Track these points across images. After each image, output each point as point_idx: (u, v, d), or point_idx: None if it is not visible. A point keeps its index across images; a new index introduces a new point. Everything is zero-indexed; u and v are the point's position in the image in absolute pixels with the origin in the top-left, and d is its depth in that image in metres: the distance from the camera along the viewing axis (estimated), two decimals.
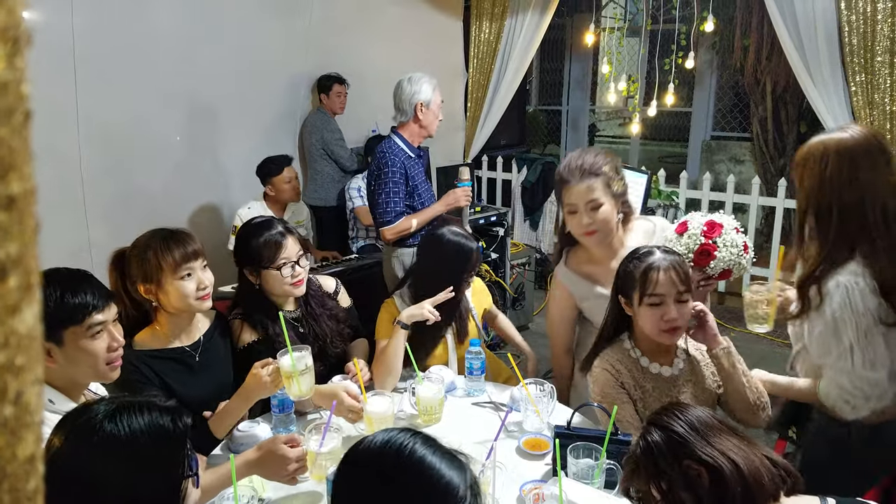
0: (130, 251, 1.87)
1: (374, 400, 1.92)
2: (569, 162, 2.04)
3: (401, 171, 2.95)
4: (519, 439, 1.85)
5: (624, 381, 1.79)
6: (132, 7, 3.58)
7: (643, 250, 1.77)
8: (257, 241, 2.07)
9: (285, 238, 2.09)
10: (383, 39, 4.92)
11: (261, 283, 2.11)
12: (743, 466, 1.09)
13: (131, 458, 1.03)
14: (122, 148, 3.66)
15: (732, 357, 1.77)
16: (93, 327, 1.44)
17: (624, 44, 6.19)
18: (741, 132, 7.27)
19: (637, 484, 1.22)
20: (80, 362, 1.45)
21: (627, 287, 1.76)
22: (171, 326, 1.94)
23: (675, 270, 1.69)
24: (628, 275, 1.75)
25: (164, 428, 1.07)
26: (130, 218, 3.59)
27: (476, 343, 2.16)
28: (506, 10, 5.19)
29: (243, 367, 2.11)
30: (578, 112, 9.08)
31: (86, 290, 1.45)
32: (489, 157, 5.97)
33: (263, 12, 4.19)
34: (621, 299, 1.80)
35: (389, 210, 2.97)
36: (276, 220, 2.15)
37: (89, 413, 1.06)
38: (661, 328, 1.70)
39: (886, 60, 3.52)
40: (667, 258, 1.72)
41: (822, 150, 1.71)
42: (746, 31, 5.68)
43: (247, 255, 2.09)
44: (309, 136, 4.59)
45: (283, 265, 2.06)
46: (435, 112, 3.07)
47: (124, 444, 1.03)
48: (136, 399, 1.11)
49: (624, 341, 1.85)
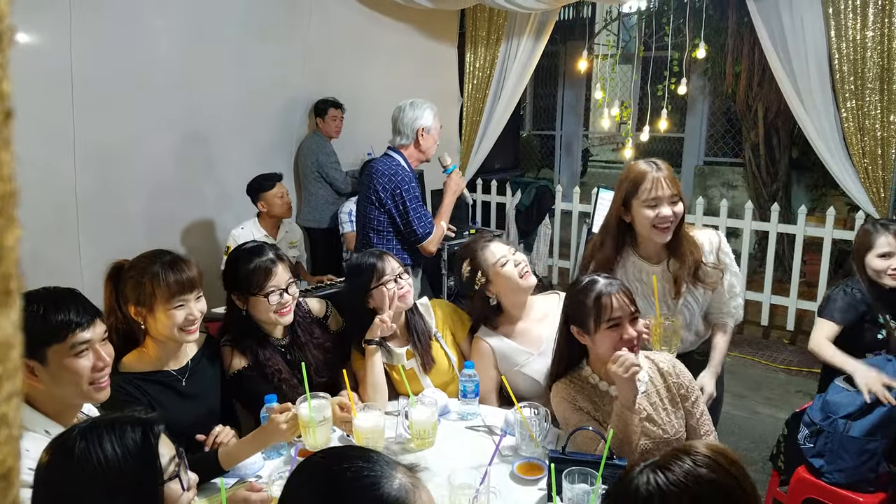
0: (128, 271, 1.85)
1: (364, 415, 1.90)
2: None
3: (416, 182, 2.98)
4: (513, 464, 1.82)
5: (581, 405, 1.83)
6: (130, 30, 3.61)
7: (585, 280, 1.82)
8: (247, 267, 2.03)
9: (276, 265, 2.05)
10: (379, 65, 4.96)
11: (248, 308, 2.07)
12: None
13: (103, 476, 1.03)
14: (117, 169, 3.67)
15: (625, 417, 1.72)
16: (77, 346, 1.41)
17: (617, 70, 6.25)
18: (733, 157, 7.32)
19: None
20: (65, 382, 1.42)
21: (582, 317, 1.78)
22: (159, 351, 1.90)
23: (623, 293, 1.77)
24: (580, 305, 1.78)
25: (134, 442, 1.07)
26: (124, 239, 3.58)
27: (470, 365, 2.14)
28: (500, 37, 5.25)
29: (234, 393, 2.10)
30: (572, 137, 9.16)
31: (70, 308, 1.41)
32: (484, 180, 6.00)
33: (261, 37, 4.22)
34: (574, 329, 1.82)
35: (425, 222, 2.99)
36: (268, 247, 2.11)
37: (69, 432, 1.07)
38: (619, 347, 1.73)
39: (876, 87, 3.56)
40: (612, 283, 1.78)
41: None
42: (738, 58, 5.75)
43: (235, 281, 2.06)
44: (304, 158, 4.61)
45: (271, 292, 2.02)
46: (434, 138, 3.09)
47: (95, 462, 1.03)
48: (109, 416, 1.11)
49: (583, 368, 1.89)
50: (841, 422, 2.17)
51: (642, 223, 2.06)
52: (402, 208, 2.98)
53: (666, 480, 0.96)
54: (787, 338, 4.86)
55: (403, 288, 2.20)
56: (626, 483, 1.00)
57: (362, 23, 4.82)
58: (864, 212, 3.97)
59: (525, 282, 2.22)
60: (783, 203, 5.67)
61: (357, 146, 4.85)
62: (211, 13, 3.93)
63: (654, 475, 0.98)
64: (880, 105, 3.58)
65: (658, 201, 2.01)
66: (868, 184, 3.74)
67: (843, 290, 2.48)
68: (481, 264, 2.22)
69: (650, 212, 2.03)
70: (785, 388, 4.13)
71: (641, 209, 2.04)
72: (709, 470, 0.97)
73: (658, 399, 1.84)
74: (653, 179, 2.02)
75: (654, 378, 1.87)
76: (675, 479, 0.96)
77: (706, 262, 2.13)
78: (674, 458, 0.99)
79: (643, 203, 2.03)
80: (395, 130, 3.09)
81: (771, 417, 3.71)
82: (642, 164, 2.08)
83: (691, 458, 0.98)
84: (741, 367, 4.41)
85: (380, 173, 3.02)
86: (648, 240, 2.11)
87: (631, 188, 2.06)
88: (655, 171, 2.03)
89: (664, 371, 1.89)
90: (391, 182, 2.98)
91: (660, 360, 1.91)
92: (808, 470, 2.26)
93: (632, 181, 2.06)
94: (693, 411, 1.86)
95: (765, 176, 6.11)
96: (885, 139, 3.61)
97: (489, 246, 2.24)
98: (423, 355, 2.24)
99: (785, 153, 6.03)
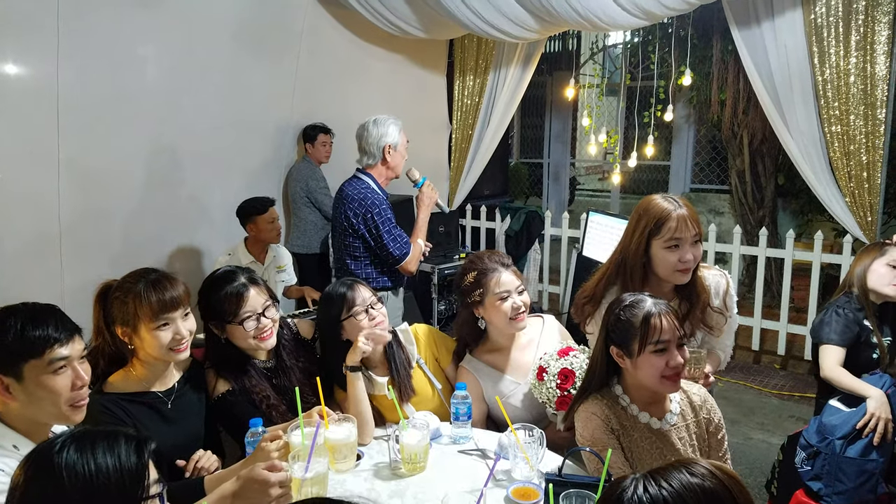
0: (114, 291, 1.80)
1: (335, 427, 1.85)
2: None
3: (387, 204, 2.94)
4: (507, 488, 1.77)
5: (612, 426, 1.72)
6: (118, 56, 3.60)
7: (630, 298, 1.71)
8: (218, 295, 1.96)
9: (247, 289, 1.97)
10: (369, 91, 4.99)
11: (227, 337, 2.01)
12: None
13: (89, 486, 0.98)
14: (102, 194, 3.63)
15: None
16: (54, 362, 1.36)
17: (603, 99, 6.32)
18: (720, 185, 7.40)
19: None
20: (41, 400, 1.36)
21: (625, 337, 1.67)
22: (146, 372, 1.85)
23: (672, 314, 1.66)
24: (625, 324, 1.67)
25: (127, 456, 1.02)
26: (107, 264, 3.53)
27: (462, 387, 2.10)
28: (489, 66, 5.31)
29: (218, 418, 2.03)
30: (560, 165, 9.24)
31: (48, 323, 1.37)
32: (473, 206, 6.00)
33: (250, 63, 4.23)
34: (614, 351, 1.71)
35: (401, 243, 2.94)
36: (240, 271, 2.04)
37: (57, 438, 1.02)
38: (665, 374, 1.64)
39: (860, 112, 3.61)
40: (659, 303, 1.67)
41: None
42: (723, 86, 5.84)
43: (208, 309, 1.99)
44: (294, 184, 4.59)
45: (246, 318, 1.96)
46: (402, 153, 3.06)
47: (84, 471, 0.98)
48: (99, 429, 1.06)
49: (614, 387, 1.78)
50: (838, 443, 2.15)
51: (664, 265, 1.93)
52: (374, 232, 2.94)
53: (657, 489, 0.90)
54: (778, 363, 4.84)
55: (376, 318, 2.11)
56: (616, 492, 0.94)
57: (352, 50, 4.85)
58: (851, 236, 3.99)
59: (514, 324, 2.17)
60: (770, 229, 5.71)
61: (346, 172, 4.77)
62: (200, 38, 3.93)
63: (646, 483, 0.92)
64: (864, 129, 3.62)
65: (681, 242, 1.89)
66: (855, 208, 3.76)
67: (836, 311, 2.46)
68: (484, 285, 2.17)
69: (672, 254, 1.90)
70: (778, 413, 4.11)
71: (662, 250, 1.91)
72: (702, 480, 0.91)
73: (686, 434, 1.76)
74: (677, 218, 1.89)
75: (685, 411, 1.79)
76: (668, 487, 0.90)
77: (713, 307, 2.04)
78: (668, 469, 0.94)
79: (665, 243, 1.90)
80: (360, 150, 3.05)
81: (764, 443, 3.67)
82: (661, 200, 1.93)
83: (687, 469, 0.92)
84: (733, 392, 4.39)
85: (350, 198, 2.98)
86: (663, 280, 1.98)
87: (653, 227, 1.92)
88: (678, 208, 1.90)
89: (695, 405, 1.81)
90: (361, 206, 2.94)
91: (693, 393, 1.83)
92: (806, 493, 2.23)
93: (654, 218, 1.92)
94: (717, 447, 1.79)
95: (751, 202, 6.17)
96: (871, 163, 3.65)
97: (500, 274, 2.17)
98: (401, 386, 2.15)
99: (771, 180, 6.09)
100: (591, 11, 3.63)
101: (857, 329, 2.41)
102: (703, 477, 0.91)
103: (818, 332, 2.48)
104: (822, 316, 2.51)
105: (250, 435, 1.80)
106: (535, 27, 4.07)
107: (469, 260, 2.28)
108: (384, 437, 2.07)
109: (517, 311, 2.15)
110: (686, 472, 0.92)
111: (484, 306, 2.18)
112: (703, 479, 0.91)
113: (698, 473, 0.91)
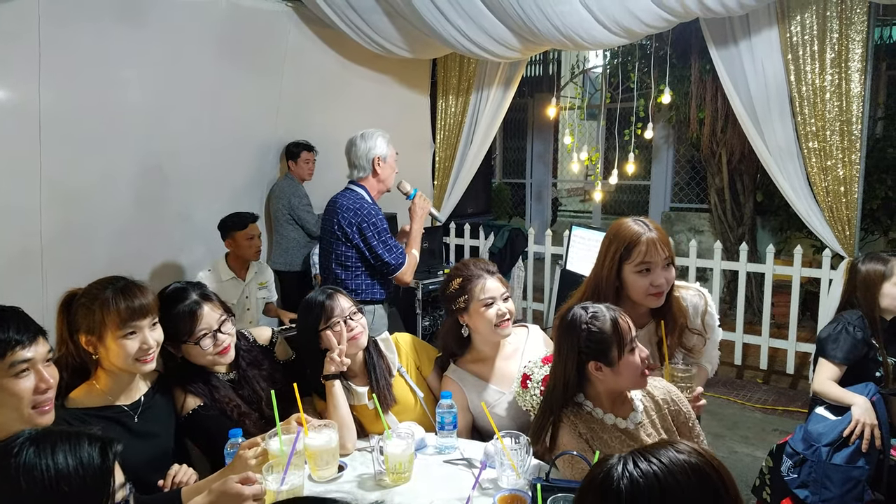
0: (79, 298, 1.74)
1: (315, 434, 1.82)
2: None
3: (381, 214, 2.94)
4: (494, 497, 1.74)
5: (580, 430, 1.75)
6: (100, 74, 3.58)
7: (586, 315, 1.71)
8: (170, 314, 1.88)
9: (200, 306, 1.91)
10: (352, 110, 4.99)
11: (183, 356, 1.95)
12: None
13: (49, 487, 0.94)
14: (84, 212, 3.59)
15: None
16: (16, 365, 1.32)
17: (584, 120, 6.41)
18: (699, 203, 7.48)
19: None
20: (4, 404, 1.32)
21: (604, 349, 1.67)
22: (110, 384, 1.77)
23: (624, 315, 1.73)
24: (598, 335, 1.68)
25: (90, 457, 0.98)
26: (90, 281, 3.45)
27: (447, 395, 2.08)
28: (471, 86, 5.36)
29: (191, 434, 1.97)
30: (542, 185, 9.31)
31: (10, 325, 1.33)
32: (457, 224, 6.01)
33: (234, 81, 4.22)
34: (593, 365, 1.71)
35: (397, 253, 2.94)
36: (191, 287, 1.97)
37: (14, 438, 0.98)
38: (643, 369, 1.68)
39: (836, 128, 3.68)
40: (612, 308, 1.72)
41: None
42: (701, 105, 5.93)
43: (162, 330, 1.87)
44: (276, 201, 4.57)
45: (202, 336, 1.90)
46: (392, 165, 3.07)
47: (42, 471, 0.94)
48: (62, 428, 1.02)
49: (581, 402, 1.79)
50: (824, 450, 2.15)
51: (635, 289, 1.92)
52: (369, 242, 2.94)
53: (647, 464, 0.90)
54: (761, 377, 4.87)
55: (355, 329, 2.09)
56: (604, 469, 0.93)
57: (336, 69, 4.86)
58: (830, 250, 4.05)
59: (499, 331, 2.16)
60: (750, 246, 5.78)
61: (329, 189, 4.78)
62: (184, 56, 3.92)
63: (635, 459, 0.91)
64: (841, 145, 3.69)
65: (652, 266, 1.89)
66: (833, 222, 3.82)
67: (846, 329, 2.44)
68: (469, 291, 2.16)
69: (643, 279, 1.89)
70: (761, 426, 4.11)
71: (633, 275, 1.91)
72: (688, 456, 0.91)
73: (654, 430, 1.78)
74: (647, 242, 1.88)
75: (648, 408, 1.81)
76: (657, 462, 0.89)
77: (691, 328, 2.03)
78: (654, 447, 0.94)
79: (636, 267, 1.90)
80: (350, 164, 3.06)
81: (749, 456, 3.67)
82: (631, 223, 1.93)
83: (673, 447, 0.93)
84: (716, 406, 4.39)
85: (344, 208, 2.98)
86: (637, 304, 1.97)
87: (623, 251, 1.91)
88: (648, 231, 1.90)
89: (658, 400, 1.83)
90: (356, 216, 2.94)
91: (654, 387, 1.85)
92: (793, 502, 2.22)
93: (624, 243, 1.91)
94: (689, 435, 1.82)
95: (730, 220, 6.24)
96: (848, 178, 3.70)
97: (485, 280, 2.16)
98: (381, 396, 2.12)
99: (749, 197, 6.17)
100: (573, 30, 3.68)
101: (866, 349, 2.43)
102: (688, 454, 0.92)
103: (824, 347, 2.47)
104: (831, 330, 2.48)
105: (230, 446, 1.76)
106: (517, 46, 4.12)
107: (454, 267, 2.28)
108: (367, 448, 2.04)
109: (502, 317, 2.15)
110: (673, 449, 0.93)
111: (469, 313, 2.17)
112: (689, 455, 0.92)
113: (684, 451, 0.92)
